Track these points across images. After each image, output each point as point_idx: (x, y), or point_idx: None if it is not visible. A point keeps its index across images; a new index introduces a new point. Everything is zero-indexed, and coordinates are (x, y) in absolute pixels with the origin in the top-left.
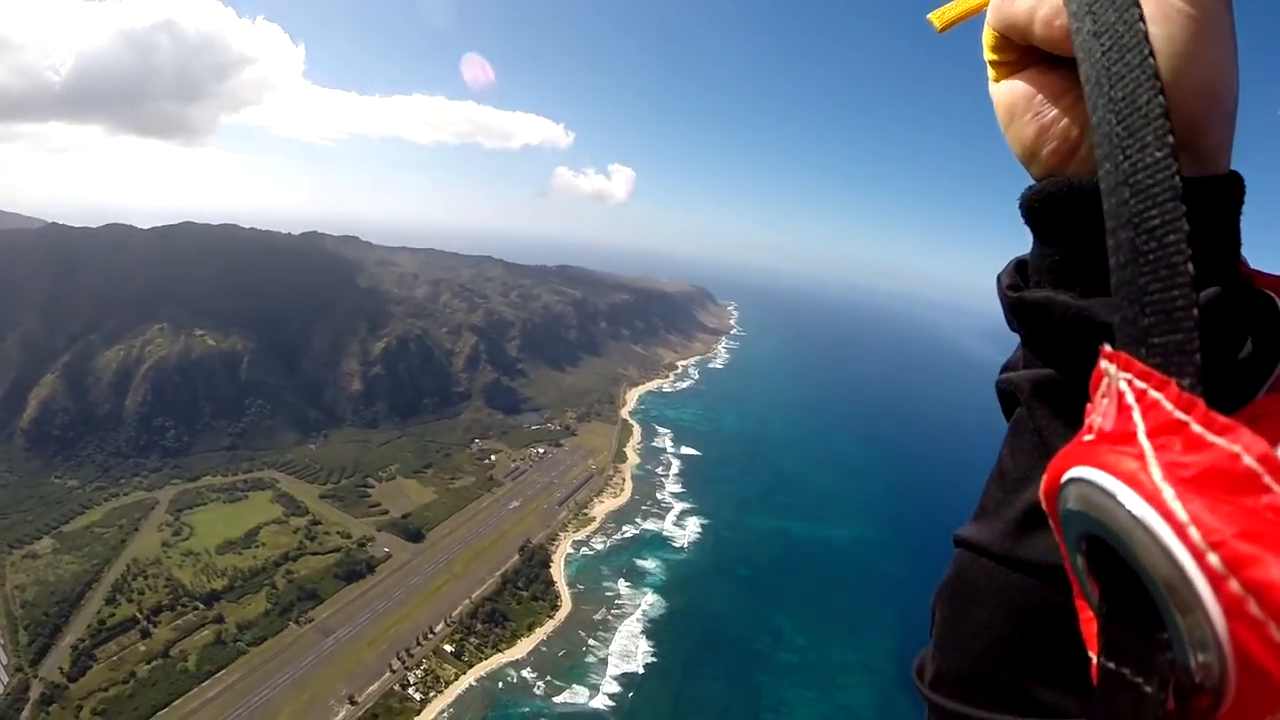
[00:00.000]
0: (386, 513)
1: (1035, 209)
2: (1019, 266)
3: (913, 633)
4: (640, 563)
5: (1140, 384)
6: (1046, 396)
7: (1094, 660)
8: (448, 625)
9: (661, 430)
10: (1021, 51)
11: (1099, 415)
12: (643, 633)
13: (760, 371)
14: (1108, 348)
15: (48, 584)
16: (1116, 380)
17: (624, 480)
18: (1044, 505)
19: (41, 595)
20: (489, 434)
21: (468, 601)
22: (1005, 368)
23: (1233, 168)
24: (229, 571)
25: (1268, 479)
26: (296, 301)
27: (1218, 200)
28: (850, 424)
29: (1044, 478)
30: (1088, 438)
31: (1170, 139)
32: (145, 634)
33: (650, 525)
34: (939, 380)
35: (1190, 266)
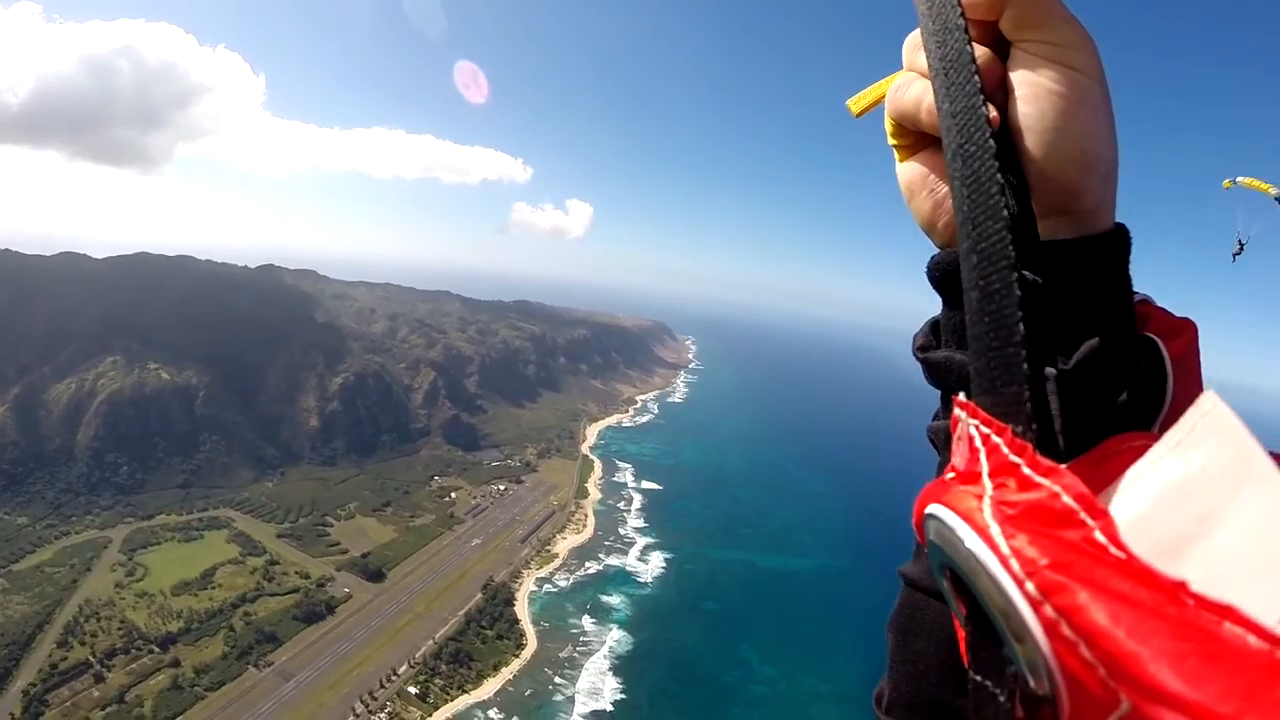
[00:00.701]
0: (346, 552)
1: (936, 277)
2: (933, 327)
3: (880, 659)
4: (605, 599)
5: (984, 429)
6: None
7: (968, 673)
8: (411, 666)
9: (622, 465)
10: (916, 136)
11: (956, 455)
12: (610, 669)
13: (719, 405)
14: (961, 396)
15: None
16: (968, 425)
17: (586, 516)
18: (917, 536)
19: None
20: (449, 471)
21: (431, 642)
22: (934, 416)
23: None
24: (185, 613)
25: (1082, 514)
26: (253, 335)
27: (1100, 256)
28: (809, 454)
29: (913, 511)
30: (949, 476)
31: (1005, 214)
32: (99, 678)
33: (614, 560)
34: (896, 408)
35: (1021, 326)
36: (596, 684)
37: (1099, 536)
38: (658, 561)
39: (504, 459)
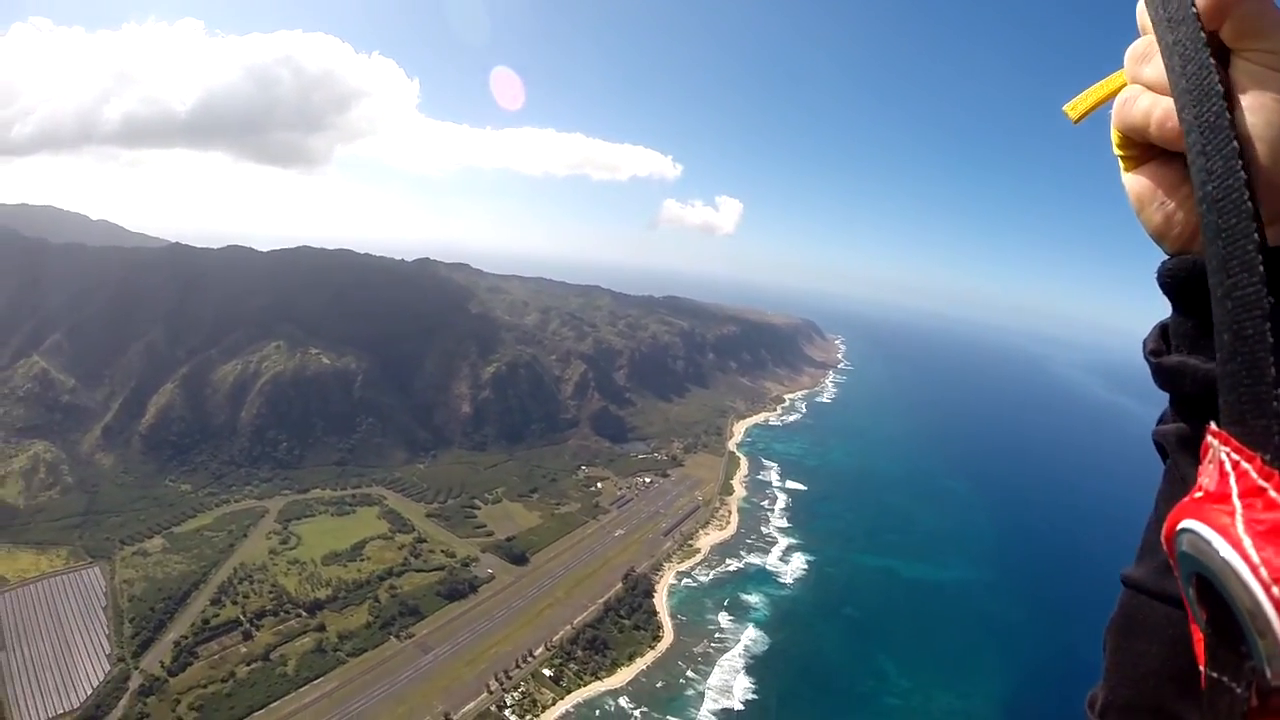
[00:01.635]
0: (491, 534)
1: (1167, 284)
2: (1163, 331)
3: (1021, 679)
4: (744, 597)
5: (1235, 456)
6: (1189, 450)
7: (1204, 672)
8: (548, 649)
9: (768, 464)
10: (1143, 147)
11: (1206, 477)
12: (744, 668)
13: (867, 406)
14: (1213, 425)
15: (155, 581)
16: (1219, 451)
17: (730, 513)
18: (1165, 548)
19: (149, 591)
20: (595, 461)
21: (569, 627)
22: (1159, 420)
23: None
24: (333, 582)
25: None
26: (409, 325)
27: None
28: (958, 461)
29: (1164, 526)
30: (1198, 495)
31: (1260, 267)
32: (247, 636)
33: (755, 559)
34: (1048, 417)
35: (1273, 370)
36: (729, 681)
37: None
38: (799, 563)
39: (650, 452)
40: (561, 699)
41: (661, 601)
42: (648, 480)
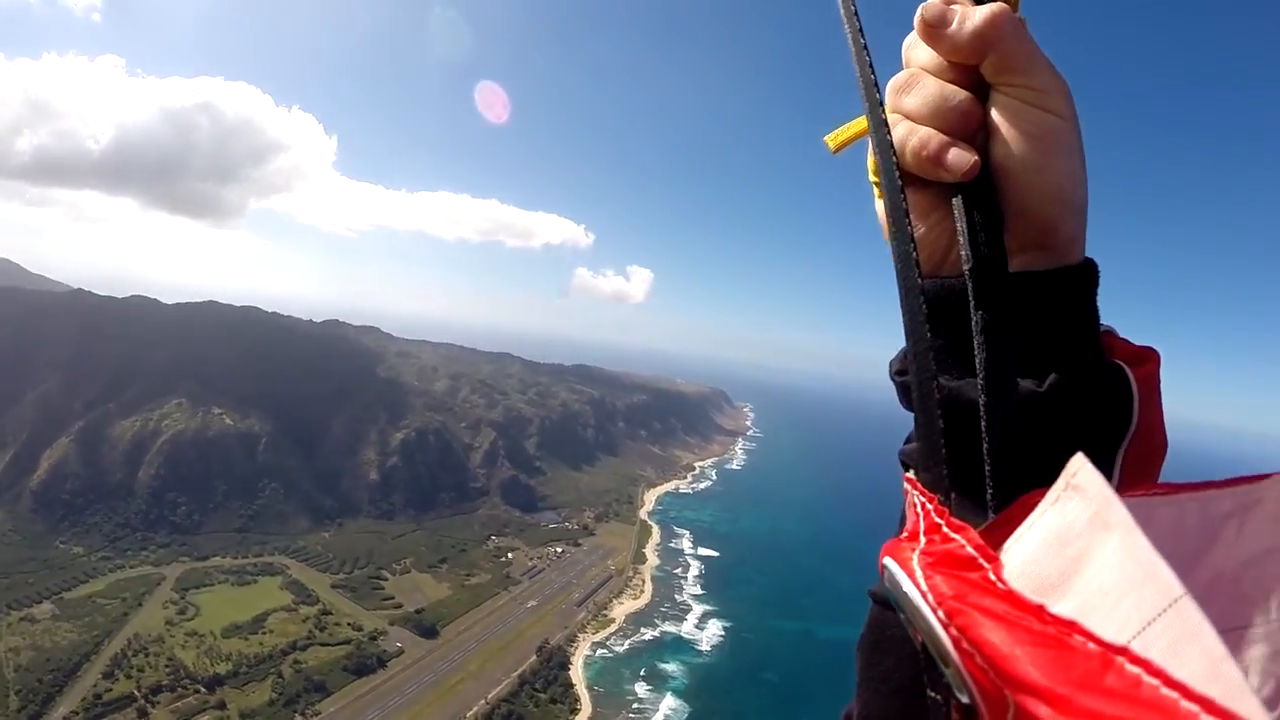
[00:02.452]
0: (400, 606)
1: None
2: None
3: None
4: (662, 665)
5: (921, 498)
6: None
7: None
8: None
9: (680, 531)
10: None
11: (908, 519)
12: None
13: (777, 473)
14: (910, 474)
15: (44, 650)
16: (913, 495)
17: (643, 581)
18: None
19: (37, 661)
20: (506, 531)
21: (483, 702)
22: (906, 439)
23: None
24: (234, 656)
25: (979, 559)
26: (316, 387)
27: (1070, 286)
28: (868, 521)
29: (878, 563)
30: (902, 535)
31: (928, 336)
32: (143, 714)
33: (671, 627)
34: None
35: (940, 423)
36: None
37: (990, 575)
38: (715, 629)
39: (562, 521)
40: None
41: (578, 673)
42: (559, 550)
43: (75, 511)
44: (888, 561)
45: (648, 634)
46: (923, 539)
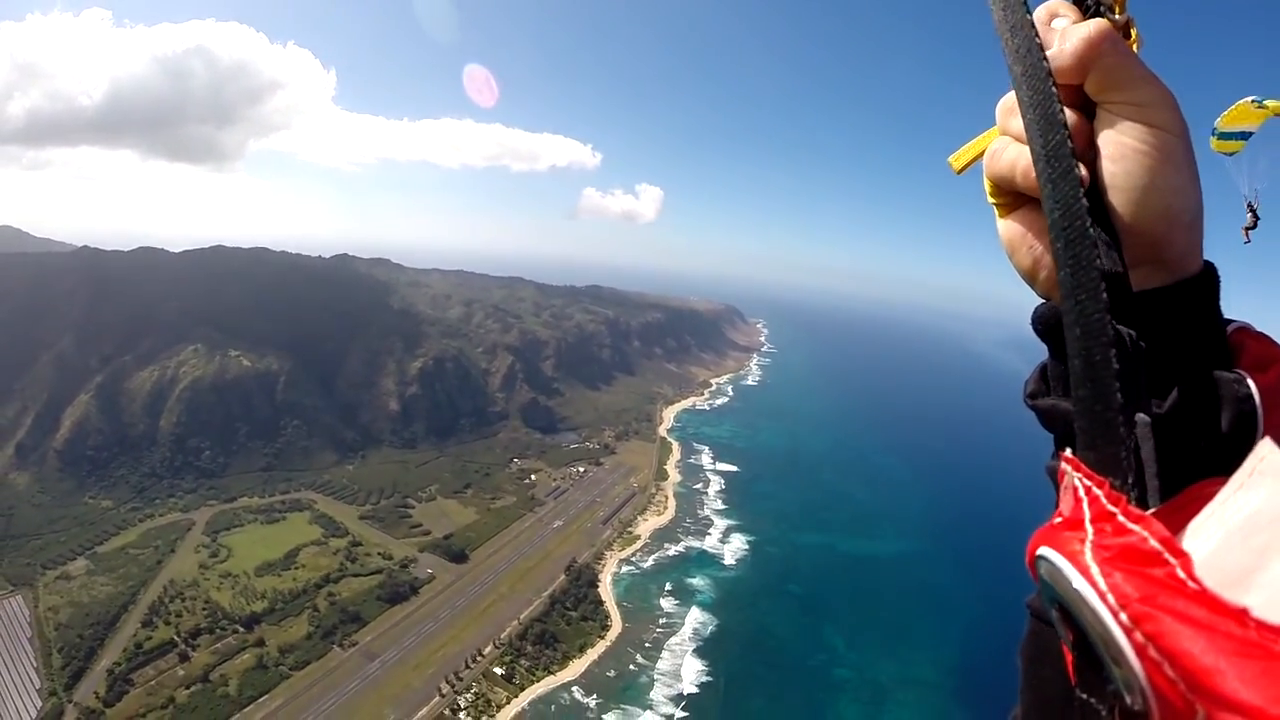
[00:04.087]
0: (428, 533)
1: (1039, 329)
2: (1042, 373)
3: (962, 643)
4: (688, 580)
5: (1087, 481)
6: None
7: (1075, 692)
8: (497, 647)
9: (700, 447)
10: (1014, 195)
11: (1063, 503)
12: (695, 651)
13: (793, 387)
14: (1067, 451)
15: (82, 606)
16: (1073, 477)
17: (666, 498)
18: (1030, 573)
19: (76, 617)
20: (528, 453)
21: (516, 623)
22: (1052, 456)
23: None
24: (269, 594)
25: (1165, 554)
26: (330, 323)
27: (1189, 300)
28: (885, 436)
29: (1026, 552)
30: (1056, 520)
31: (1104, 296)
32: (184, 657)
33: (696, 542)
34: (971, 391)
35: (1119, 396)
36: (682, 666)
37: (1179, 573)
38: (739, 544)
39: (582, 441)
40: (515, 696)
41: (607, 590)
42: (581, 470)
43: (101, 466)
44: (1049, 554)
45: (672, 550)
46: (1090, 528)
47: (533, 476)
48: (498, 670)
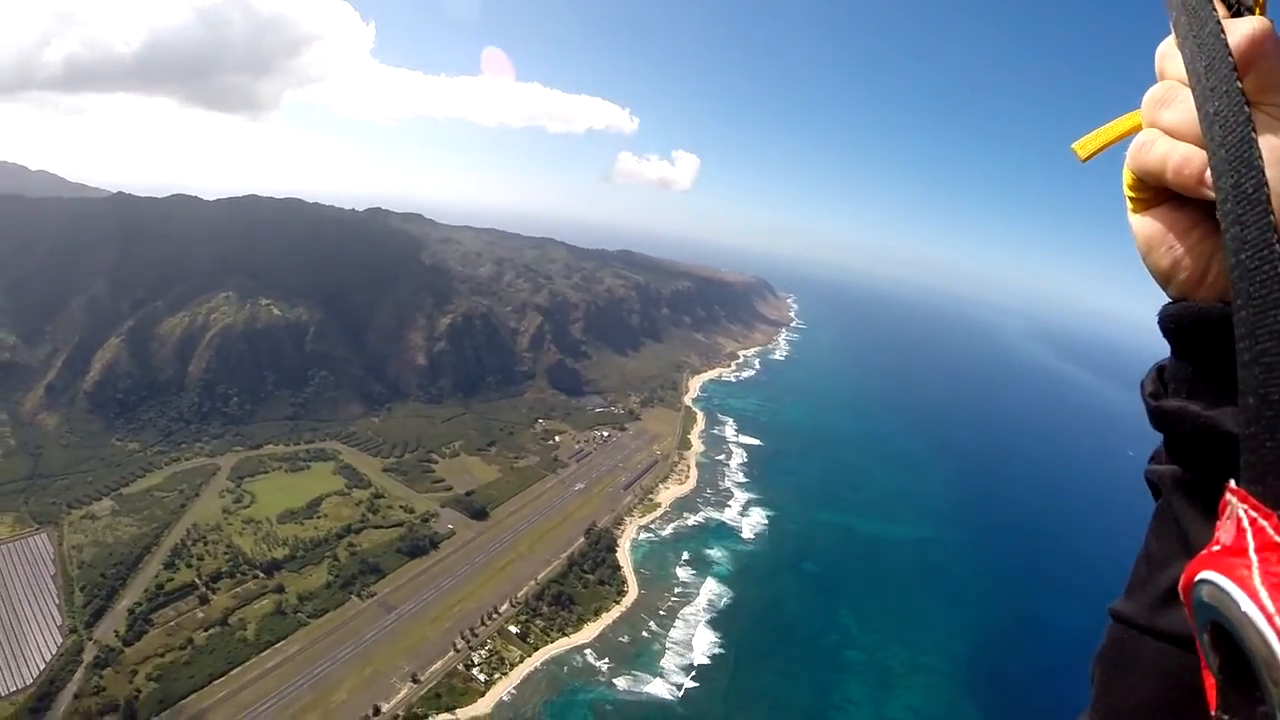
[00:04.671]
0: (450, 489)
1: (1169, 329)
2: (1159, 373)
3: (973, 634)
4: (706, 551)
5: (1253, 513)
6: (1183, 492)
7: (1214, 715)
8: (513, 606)
9: (724, 418)
10: (1156, 190)
11: (1223, 532)
12: (709, 623)
13: (820, 365)
14: (1232, 484)
15: (105, 545)
16: (1237, 508)
17: (688, 467)
18: (1181, 596)
19: (99, 557)
20: (552, 415)
21: (533, 583)
22: (1151, 459)
23: None
24: (290, 541)
25: None
26: (361, 276)
27: None
28: (909, 421)
29: (1183, 575)
30: (1215, 548)
31: None
32: (204, 600)
33: (715, 514)
34: (997, 381)
35: None
36: (695, 636)
37: None
38: (758, 518)
39: (607, 406)
40: (529, 656)
41: (625, 556)
42: (605, 434)
43: (129, 409)
44: (1215, 577)
45: (692, 519)
46: (1255, 558)
47: (556, 438)
48: (513, 629)
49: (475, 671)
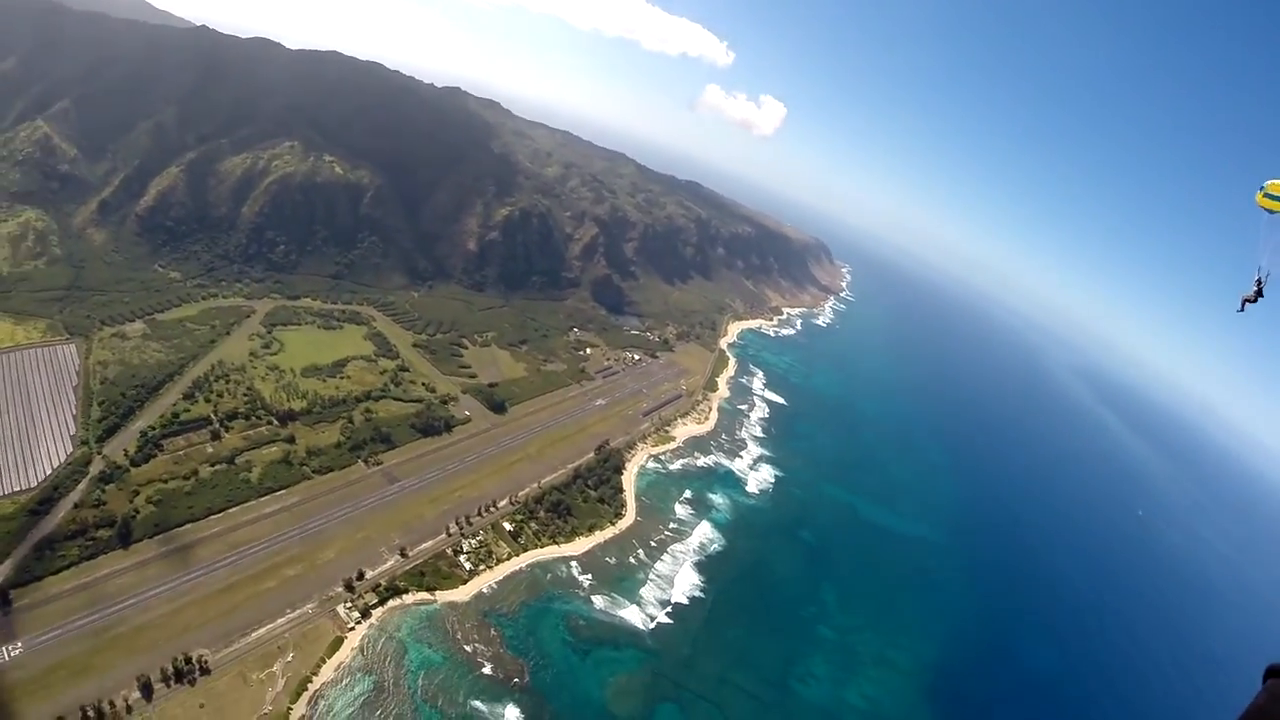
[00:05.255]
0: (474, 377)
1: None
2: None
3: (946, 643)
4: (709, 495)
5: None
6: None
7: None
8: (512, 504)
9: (755, 370)
10: None
11: None
12: (696, 565)
13: (860, 341)
14: None
15: (130, 366)
16: None
17: (710, 409)
18: None
19: (122, 376)
20: (589, 326)
21: (536, 486)
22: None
23: None
24: (309, 395)
25: None
26: (428, 151)
27: None
28: (934, 419)
29: None
30: None
31: None
32: (215, 436)
33: (725, 461)
34: (1030, 405)
35: None
36: (678, 574)
37: None
38: (767, 474)
39: (644, 330)
40: (517, 555)
41: (630, 480)
42: (636, 357)
43: (177, 239)
44: None
45: (702, 460)
46: None
47: (588, 350)
48: (507, 526)
49: (462, 559)
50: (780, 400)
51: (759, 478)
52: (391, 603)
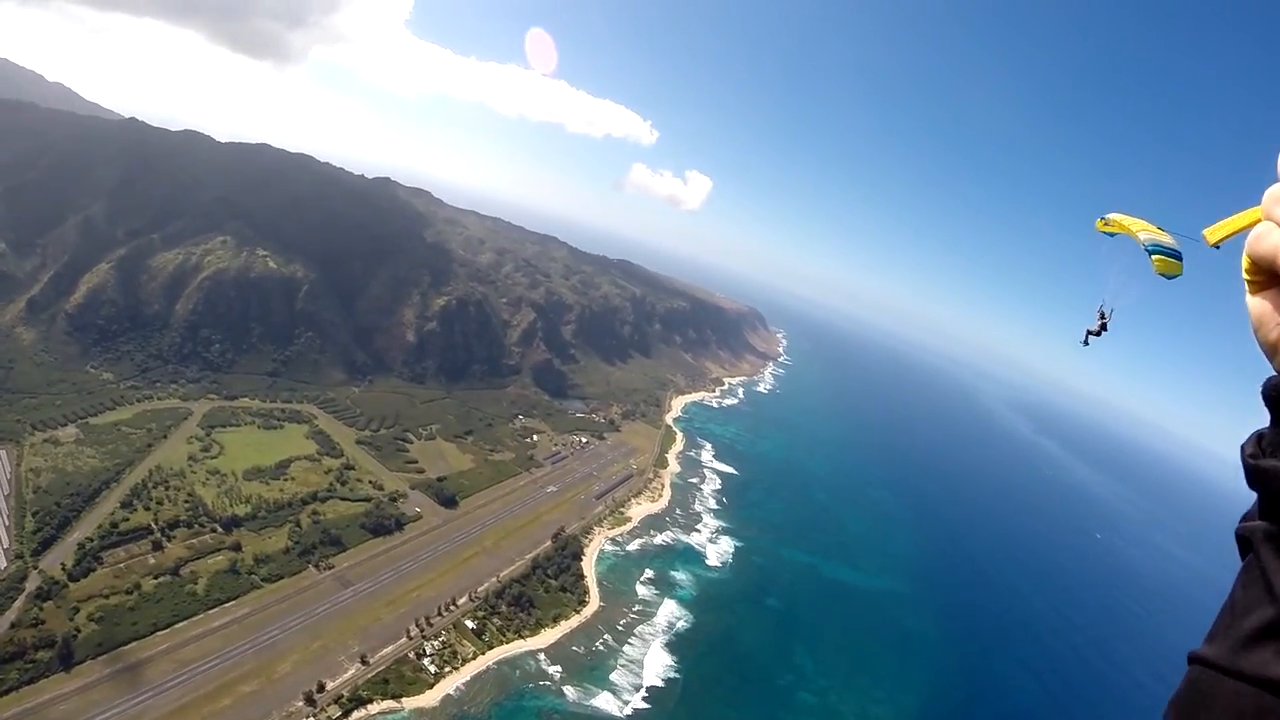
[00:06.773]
0: (422, 471)
1: (1271, 399)
2: (1259, 439)
3: (924, 691)
4: (671, 573)
5: None
6: (1273, 545)
7: None
8: (472, 600)
9: (703, 442)
10: (1269, 275)
11: None
12: (665, 645)
13: (803, 403)
14: None
15: (65, 474)
16: None
17: (663, 486)
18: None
19: (56, 484)
20: (533, 413)
21: (495, 580)
22: (1243, 518)
23: None
24: (253, 499)
25: None
26: (361, 243)
27: None
28: (884, 471)
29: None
30: None
31: None
32: (157, 546)
33: (684, 536)
34: (973, 444)
35: None
36: (652, 658)
37: None
38: (726, 546)
39: (589, 412)
40: (483, 653)
41: (590, 565)
42: (584, 440)
43: (109, 338)
44: None
45: (659, 538)
46: None
47: (535, 437)
48: (469, 624)
49: (426, 662)
50: (731, 470)
51: (718, 550)
52: (356, 714)
